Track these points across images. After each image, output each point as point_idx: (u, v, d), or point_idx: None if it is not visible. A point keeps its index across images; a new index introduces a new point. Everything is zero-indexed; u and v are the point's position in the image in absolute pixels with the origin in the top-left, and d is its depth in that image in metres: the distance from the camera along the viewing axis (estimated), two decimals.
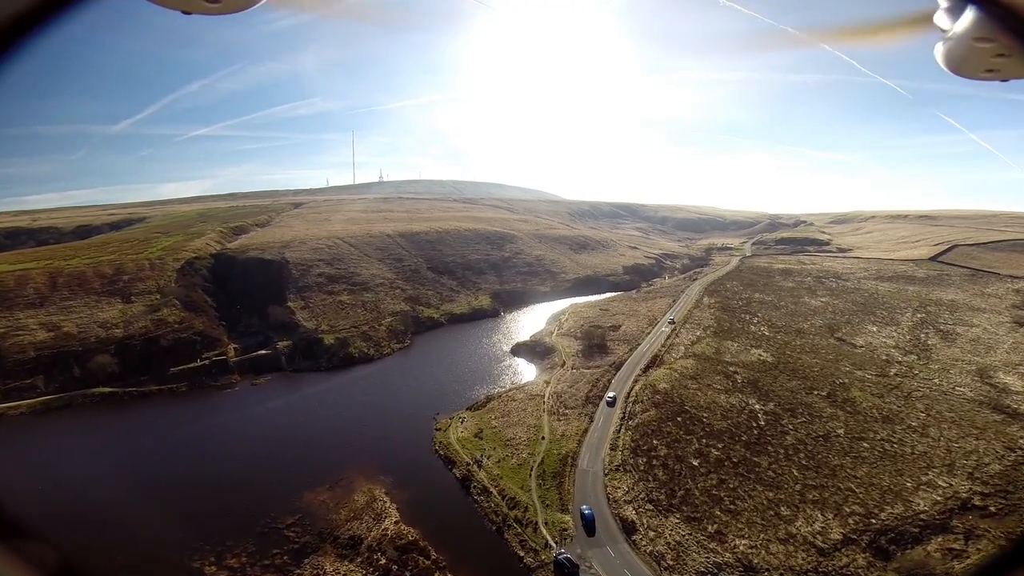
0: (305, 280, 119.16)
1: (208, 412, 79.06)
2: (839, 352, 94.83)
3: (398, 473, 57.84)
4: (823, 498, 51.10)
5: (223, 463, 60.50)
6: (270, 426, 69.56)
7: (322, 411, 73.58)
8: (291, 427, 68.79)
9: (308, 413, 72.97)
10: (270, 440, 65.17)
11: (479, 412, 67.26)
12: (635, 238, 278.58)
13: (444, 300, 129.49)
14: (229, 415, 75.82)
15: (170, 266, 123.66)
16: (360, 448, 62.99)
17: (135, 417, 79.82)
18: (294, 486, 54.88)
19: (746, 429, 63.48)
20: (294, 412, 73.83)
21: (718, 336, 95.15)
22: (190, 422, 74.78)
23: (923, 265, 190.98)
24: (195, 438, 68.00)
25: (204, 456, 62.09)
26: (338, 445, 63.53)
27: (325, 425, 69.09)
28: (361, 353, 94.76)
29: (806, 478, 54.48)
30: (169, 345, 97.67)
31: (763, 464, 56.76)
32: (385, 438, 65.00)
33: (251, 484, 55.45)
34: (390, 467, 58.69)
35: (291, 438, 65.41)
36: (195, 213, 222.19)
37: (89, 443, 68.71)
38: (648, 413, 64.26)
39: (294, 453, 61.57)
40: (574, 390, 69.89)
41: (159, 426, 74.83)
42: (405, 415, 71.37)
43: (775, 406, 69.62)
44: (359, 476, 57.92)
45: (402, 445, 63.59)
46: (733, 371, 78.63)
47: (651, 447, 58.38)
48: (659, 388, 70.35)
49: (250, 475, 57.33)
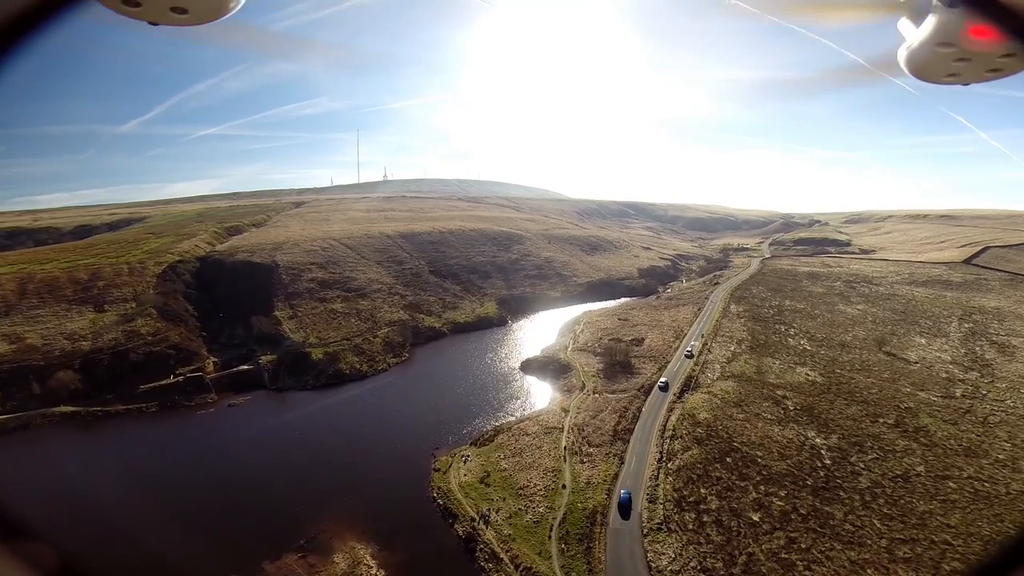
0: (295, 286, 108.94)
1: (174, 439, 69.32)
2: (893, 369, 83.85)
3: (388, 527, 47.51)
4: (916, 555, 41.24)
5: (180, 506, 50.30)
6: (237, 462, 59.27)
7: (302, 442, 63.18)
8: (262, 464, 58.51)
9: (285, 445, 62.63)
10: (234, 482, 54.84)
11: (485, 449, 56.60)
12: (647, 238, 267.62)
13: (447, 307, 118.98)
14: (195, 445, 65.85)
15: (150, 271, 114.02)
16: (343, 492, 52.63)
17: (90, 443, 70.38)
18: (257, 547, 44.60)
19: (810, 470, 52.99)
20: (269, 444, 63.54)
21: (755, 352, 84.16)
22: (148, 454, 64.83)
23: (957, 269, 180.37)
24: (152, 472, 57.92)
25: (159, 498, 51.75)
26: (317, 489, 53.15)
27: (303, 461, 58.73)
28: (353, 369, 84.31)
29: (891, 530, 44.32)
30: (139, 360, 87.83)
31: (838, 515, 46.51)
32: (374, 479, 54.57)
33: (205, 543, 45.13)
34: (379, 519, 48.37)
35: (260, 479, 55.08)
36: (195, 213, 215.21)
37: (35, 472, 58.63)
38: (690, 452, 53.52)
39: (262, 501, 51.28)
40: (599, 422, 59.02)
41: (119, 451, 65.25)
42: (398, 448, 60.93)
43: (839, 439, 59.02)
44: (340, 531, 47.61)
45: (394, 489, 53.17)
46: (782, 395, 67.75)
47: (699, 498, 47.71)
48: (699, 419, 59.58)
49: (206, 529, 47.12)
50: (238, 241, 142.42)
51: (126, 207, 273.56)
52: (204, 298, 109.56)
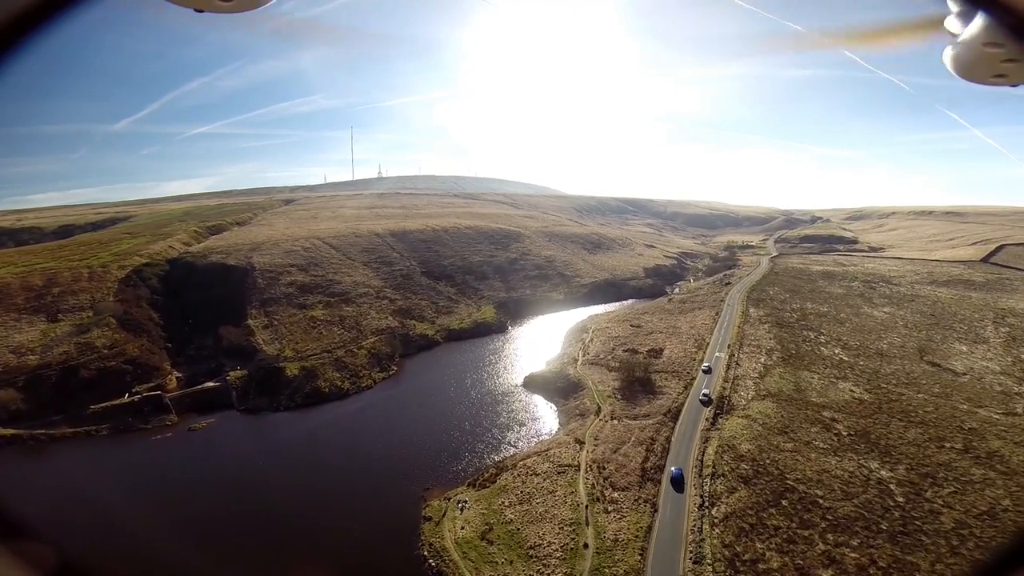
0: (272, 290, 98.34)
1: (118, 470, 59.04)
2: (942, 382, 74.80)
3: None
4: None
5: (101, 556, 40.02)
6: (183, 504, 48.82)
7: (265, 481, 52.86)
8: (214, 508, 48.34)
9: (245, 483, 52.32)
10: (176, 530, 44.37)
11: (486, 492, 46.62)
12: (648, 235, 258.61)
13: (440, 312, 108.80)
14: (137, 478, 55.54)
15: (113, 275, 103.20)
16: (311, 550, 42.65)
17: (27, 472, 60.60)
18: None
19: (882, 511, 44.04)
20: (227, 480, 53.33)
21: (789, 364, 74.63)
22: (85, 487, 54.11)
23: (977, 268, 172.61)
24: (81, 512, 47.35)
25: (83, 543, 41.36)
26: (277, 543, 43.20)
27: (265, 507, 48.43)
28: (332, 387, 73.96)
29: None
30: (91, 376, 77.44)
31: (923, 566, 38.16)
32: (349, 534, 44.53)
33: None
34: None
35: (209, 528, 45.05)
36: (181, 211, 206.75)
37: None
38: (737, 495, 43.96)
39: (204, 560, 41.14)
40: (622, 457, 49.09)
41: (56, 483, 55.00)
42: (382, 488, 50.97)
43: (906, 470, 49.97)
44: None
45: (375, 546, 43.28)
46: (830, 418, 58.27)
47: (756, 554, 38.21)
48: (742, 451, 49.97)
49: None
50: (214, 241, 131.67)
51: (114, 206, 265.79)
52: (172, 305, 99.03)
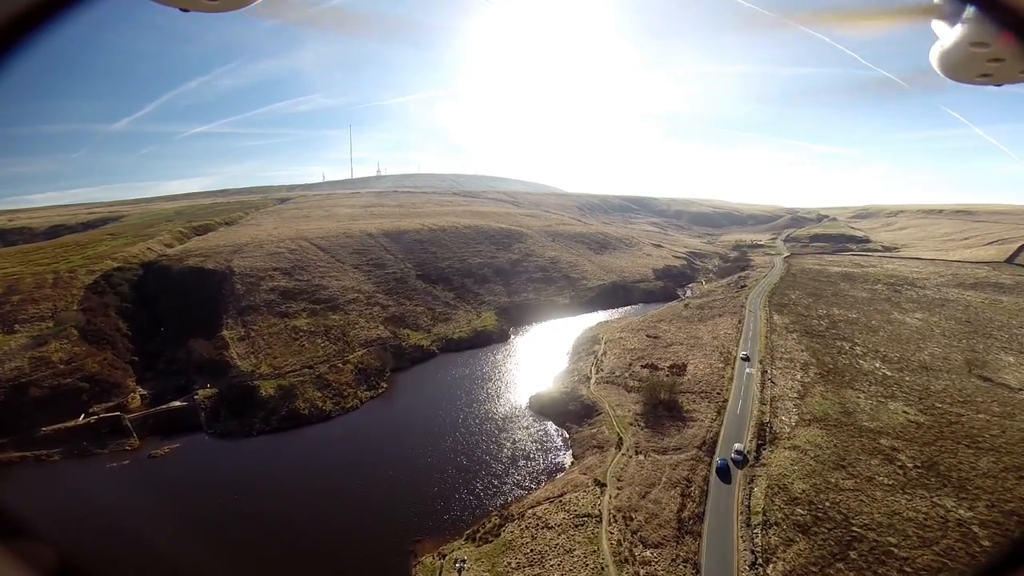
0: (251, 297, 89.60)
1: (60, 502, 50.27)
2: (1001, 400, 66.37)
3: None
4: None
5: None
6: (128, 550, 40.38)
7: (222, 523, 44.30)
8: (153, 558, 39.71)
9: (198, 525, 43.73)
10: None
11: (488, 549, 38.07)
12: (654, 234, 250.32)
13: (437, 319, 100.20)
14: (83, 512, 46.74)
15: (80, 281, 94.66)
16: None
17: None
18: None
19: (968, 559, 36.28)
20: (181, 520, 44.68)
21: (829, 381, 66.05)
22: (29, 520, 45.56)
23: (1002, 269, 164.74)
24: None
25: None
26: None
27: (219, 554, 39.96)
28: (313, 408, 65.31)
29: None
30: (44, 395, 68.97)
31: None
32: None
33: None
34: None
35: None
36: (173, 211, 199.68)
37: None
38: (796, 547, 35.56)
39: None
40: (653, 504, 40.48)
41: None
42: (363, 540, 42.44)
43: (987, 508, 41.69)
44: None
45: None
46: (889, 447, 49.76)
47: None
48: (795, 492, 41.49)
49: None
50: (196, 243, 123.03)
51: (107, 206, 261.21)
52: (143, 313, 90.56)
